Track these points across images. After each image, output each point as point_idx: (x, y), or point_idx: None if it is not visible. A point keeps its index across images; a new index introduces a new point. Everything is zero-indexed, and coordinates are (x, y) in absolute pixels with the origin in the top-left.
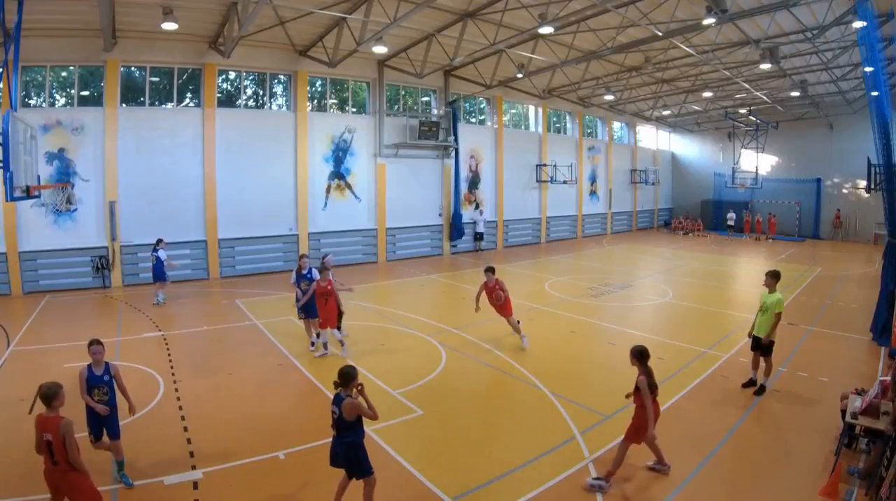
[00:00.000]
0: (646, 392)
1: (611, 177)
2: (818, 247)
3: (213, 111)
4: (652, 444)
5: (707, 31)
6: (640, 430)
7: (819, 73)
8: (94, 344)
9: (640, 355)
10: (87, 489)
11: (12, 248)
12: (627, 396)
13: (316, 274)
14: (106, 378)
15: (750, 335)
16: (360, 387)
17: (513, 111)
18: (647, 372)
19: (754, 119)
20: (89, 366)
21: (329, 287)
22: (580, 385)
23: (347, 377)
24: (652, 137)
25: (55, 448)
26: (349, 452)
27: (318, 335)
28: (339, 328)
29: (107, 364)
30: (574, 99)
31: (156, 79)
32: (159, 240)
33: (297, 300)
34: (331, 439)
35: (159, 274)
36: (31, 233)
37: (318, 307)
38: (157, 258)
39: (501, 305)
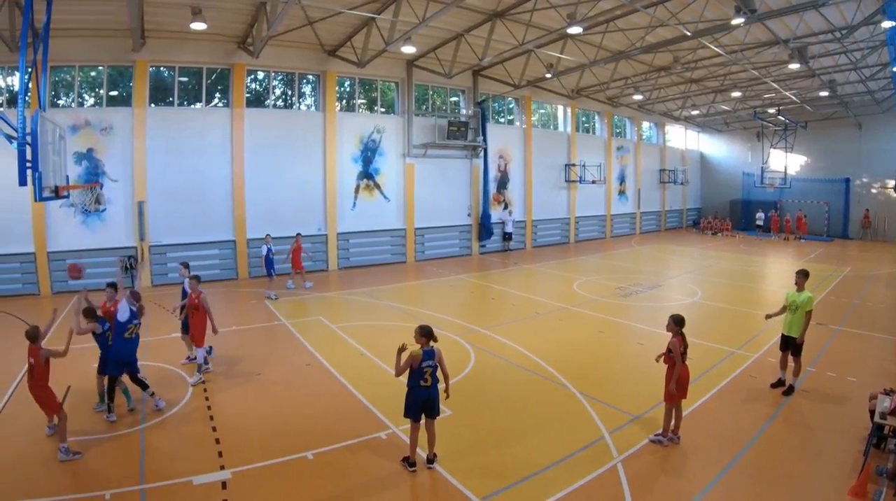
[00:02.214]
0: (677, 353)
1: (639, 176)
2: (847, 247)
3: (241, 111)
4: (669, 411)
5: (736, 31)
6: (680, 387)
7: (848, 73)
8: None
9: (679, 321)
10: (48, 400)
11: (41, 248)
12: (658, 358)
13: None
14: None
15: (768, 317)
16: (403, 346)
17: (541, 111)
18: (682, 337)
19: (783, 119)
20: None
21: (197, 300)
22: (609, 385)
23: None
24: (681, 137)
25: (35, 369)
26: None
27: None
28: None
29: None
30: (603, 99)
31: (184, 79)
32: (266, 236)
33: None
34: (422, 393)
35: (268, 268)
36: (60, 234)
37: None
38: (267, 252)
39: None
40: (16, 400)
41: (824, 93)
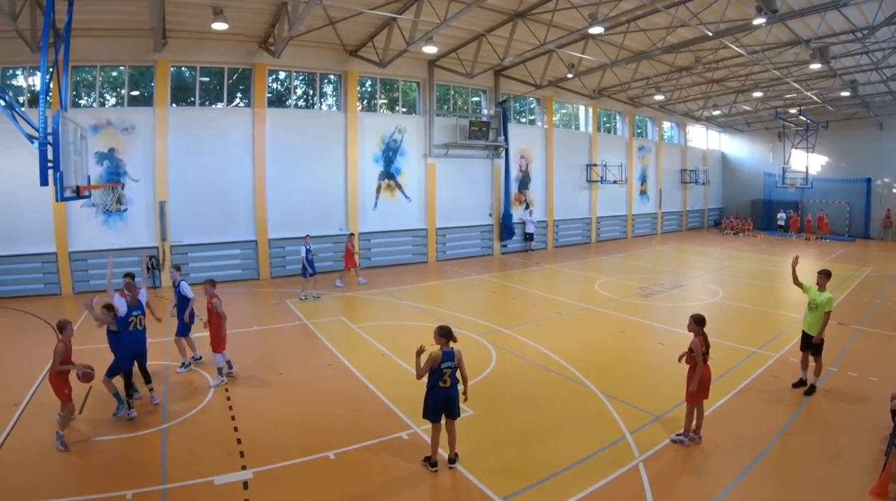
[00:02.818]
0: (699, 353)
1: (661, 177)
2: (868, 247)
3: (263, 111)
4: (691, 411)
5: (757, 31)
6: (701, 388)
7: (869, 73)
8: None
9: (700, 321)
10: (58, 388)
11: (63, 248)
12: (680, 358)
13: (186, 288)
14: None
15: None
16: (421, 348)
17: (563, 111)
18: (703, 336)
19: (804, 119)
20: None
21: (209, 305)
22: (630, 385)
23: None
24: (702, 137)
25: (54, 357)
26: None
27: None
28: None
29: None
30: (624, 99)
31: (206, 79)
32: (306, 236)
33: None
34: (441, 394)
35: (305, 269)
36: (82, 233)
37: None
38: (307, 253)
39: None
40: (38, 399)
41: (845, 94)
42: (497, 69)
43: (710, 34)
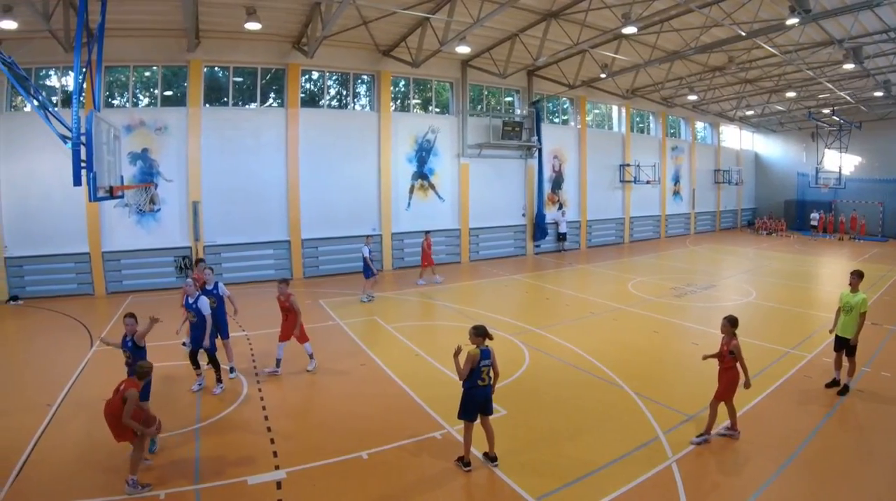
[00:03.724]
0: (740, 352)
1: (694, 177)
2: None
3: (296, 111)
4: (716, 410)
5: (790, 32)
6: (730, 388)
7: None
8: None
9: (734, 322)
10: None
11: (96, 249)
12: (705, 357)
13: (223, 288)
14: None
15: (831, 332)
16: (459, 349)
17: (596, 111)
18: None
19: (837, 119)
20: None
21: (287, 303)
22: (663, 385)
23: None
24: (735, 137)
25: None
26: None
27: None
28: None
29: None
30: (657, 99)
31: (239, 79)
32: (367, 236)
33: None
34: (480, 393)
35: (368, 269)
36: (115, 234)
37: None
38: (369, 253)
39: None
40: (72, 398)
41: (879, 94)
42: (530, 69)
43: (744, 34)
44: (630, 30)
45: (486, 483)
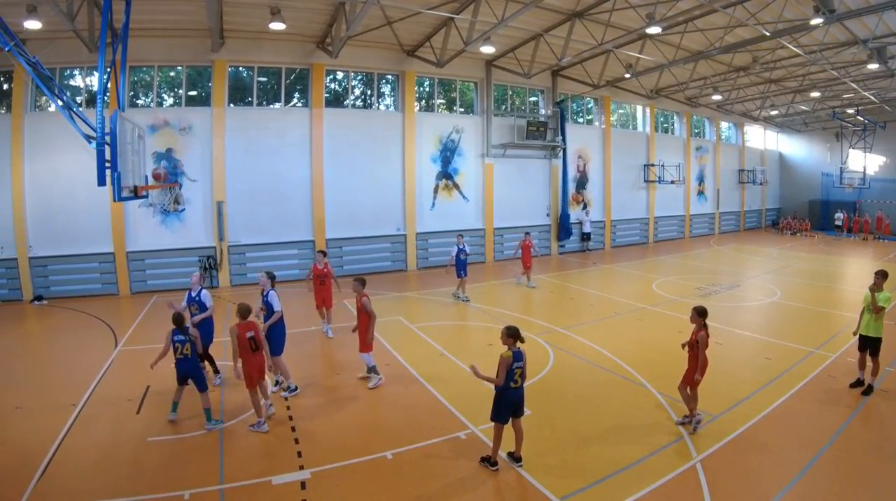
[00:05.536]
0: (705, 345)
1: (718, 177)
2: None
3: (320, 111)
4: (694, 395)
5: (815, 31)
6: (691, 374)
7: None
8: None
9: (703, 313)
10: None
11: (120, 248)
12: (684, 346)
13: (275, 298)
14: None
15: (855, 334)
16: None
17: (620, 111)
18: (706, 328)
19: (862, 119)
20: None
21: (359, 304)
22: None
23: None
24: (759, 137)
25: (257, 340)
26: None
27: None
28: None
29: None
30: (682, 99)
31: (263, 79)
32: (459, 235)
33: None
34: (514, 395)
35: (459, 269)
36: (139, 233)
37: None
38: (458, 252)
39: None
40: (97, 398)
41: None
42: (554, 69)
43: (768, 34)
44: (654, 30)
45: (510, 484)
